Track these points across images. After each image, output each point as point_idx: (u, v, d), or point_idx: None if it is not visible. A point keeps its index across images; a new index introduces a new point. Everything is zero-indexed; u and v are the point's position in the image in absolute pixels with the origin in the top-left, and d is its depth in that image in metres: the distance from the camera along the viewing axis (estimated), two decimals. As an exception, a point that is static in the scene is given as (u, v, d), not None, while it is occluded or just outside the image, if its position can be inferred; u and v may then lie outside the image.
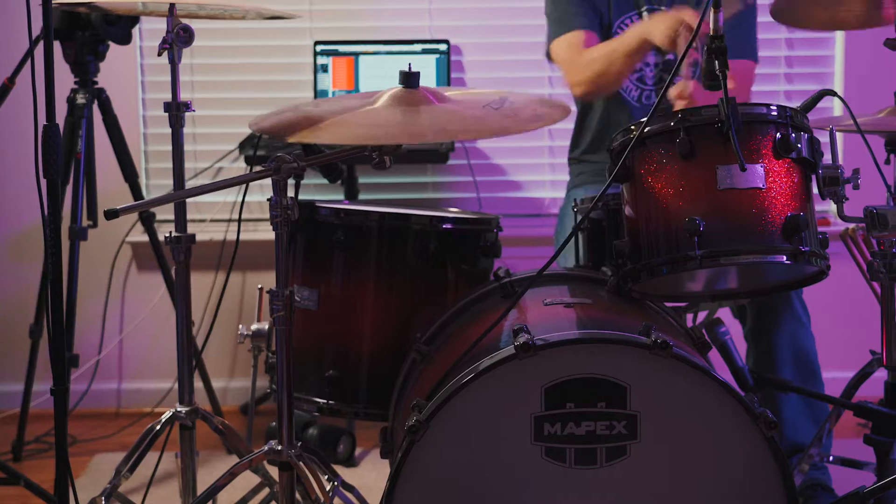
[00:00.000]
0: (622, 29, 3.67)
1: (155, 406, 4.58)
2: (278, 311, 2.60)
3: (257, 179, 2.64)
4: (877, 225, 2.46)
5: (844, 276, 3.45)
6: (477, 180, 4.53)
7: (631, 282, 2.56)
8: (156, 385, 4.60)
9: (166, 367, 4.36)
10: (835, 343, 3.82)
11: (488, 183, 4.61)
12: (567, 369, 2.26)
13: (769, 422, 2.24)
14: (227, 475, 2.75)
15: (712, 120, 2.47)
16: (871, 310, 2.82)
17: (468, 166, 4.53)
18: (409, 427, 2.24)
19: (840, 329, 4.20)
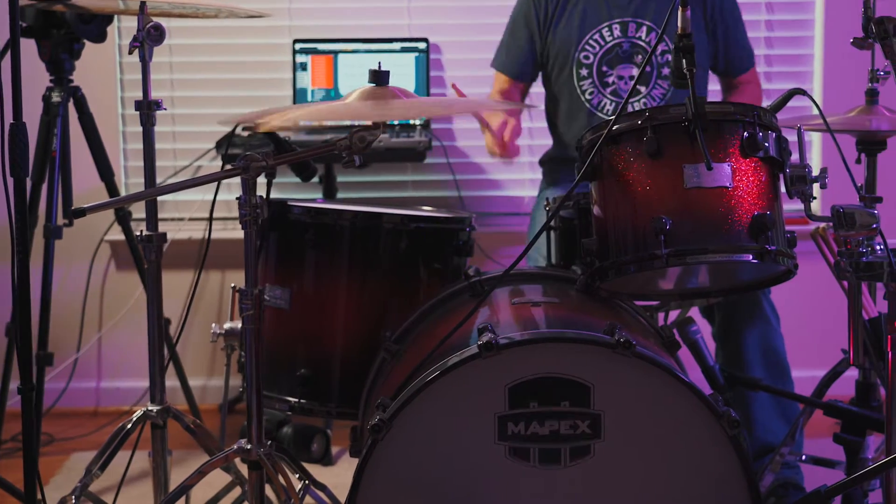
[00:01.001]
0: (590, 46, 3.70)
1: (133, 404, 4.58)
2: (247, 311, 2.59)
3: (226, 178, 2.63)
4: (843, 224, 2.45)
5: (816, 275, 3.45)
6: (457, 179, 4.52)
7: (599, 280, 2.56)
8: (135, 384, 4.59)
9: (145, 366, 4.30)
10: (806, 342, 3.83)
11: (468, 181, 4.61)
12: (531, 368, 2.26)
13: (732, 421, 2.24)
14: (196, 474, 2.74)
15: (679, 119, 2.47)
16: (842, 309, 2.82)
17: (447, 165, 4.52)
18: (372, 426, 2.24)
19: (812, 328, 4.21)
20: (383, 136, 4.02)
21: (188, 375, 4.26)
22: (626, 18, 3.72)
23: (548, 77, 3.86)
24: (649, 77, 3.71)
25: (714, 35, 3.77)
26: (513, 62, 3.89)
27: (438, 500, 2.29)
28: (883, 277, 2.48)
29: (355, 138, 2.59)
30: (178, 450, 3.55)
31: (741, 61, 3.87)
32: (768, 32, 4.62)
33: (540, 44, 3.82)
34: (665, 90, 3.69)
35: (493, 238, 4.33)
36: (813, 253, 3.25)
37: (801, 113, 4.10)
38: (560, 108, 3.84)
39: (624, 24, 3.71)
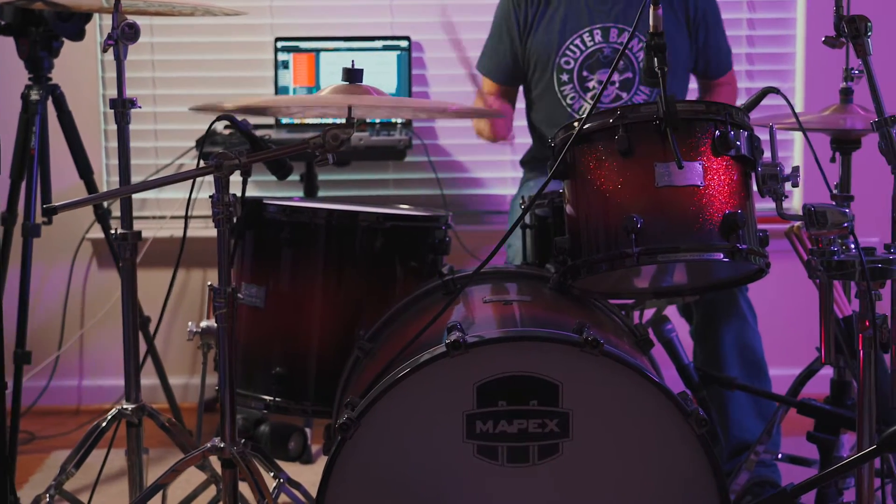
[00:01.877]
0: (570, 52, 3.71)
1: (115, 403, 4.56)
2: (220, 309, 2.59)
3: (199, 176, 2.64)
4: (815, 222, 2.45)
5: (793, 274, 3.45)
6: (439, 177, 4.52)
7: (571, 279, 2.56)
8: (117, 382, 4.49)
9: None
10: (783, 340, 3.83)
11: (450, 180, 4.60)
12: (499, 367, 2.26)
13: (700, 420, 2.24)
14: (169, 472, 2.75)
15: (650, 117, 2.47)
16: (818, 307, 2.83)
17: (429, 163, 4.52)
18: (340, 425, 2.25)
19: (790, 326, 4.21)
20: (363, 135, 4.05)
21: (171, 374, 4.25)
22: (607, 24, 3.72)
23: (528, 81, 3.86)
24: (631, 83, 3.71)
25: (696, 37, 3.78)
26: (497, 68, 3.92)
27: (407, 498, 2.29)
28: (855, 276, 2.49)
29: (328, 136, 2.59)
30: (156, 448, 3.54)
31: (720, 64, 3.88)
32: (750, 31, 4.63)
33: (520, 48, 3.82)
34: (647, 95, 3.69)
35: (476, 236, 4.32)
36: (790, 251, 3.24)
37: (781, 111, 4.09)
38: (541, 112, 3.84)
39: (605, 29, 3.72)
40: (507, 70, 3.89)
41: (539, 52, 3.77)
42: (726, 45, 3.92)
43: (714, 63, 3.86)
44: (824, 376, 3.06)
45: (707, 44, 3.82)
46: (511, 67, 3.88)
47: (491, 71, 3.92)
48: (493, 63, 3.92)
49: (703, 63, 3.84)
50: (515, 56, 3.85)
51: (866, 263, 2.47)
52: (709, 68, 3.87)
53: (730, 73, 3.94)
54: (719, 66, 3.89)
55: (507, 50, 3.86)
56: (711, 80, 3.90)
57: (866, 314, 2.51)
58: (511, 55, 3.85)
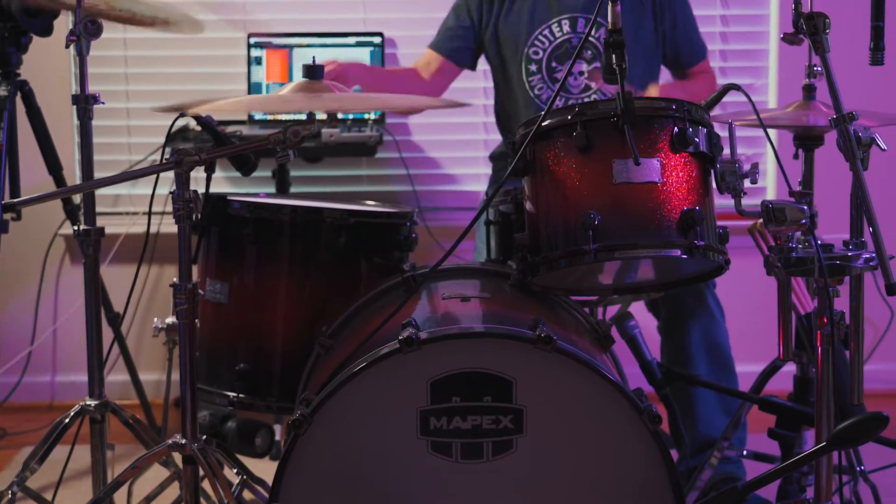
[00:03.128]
0: (539, 42, 3.71)
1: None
2: (181, 305, 2.59)
3: (159, 172, 2.63)
4: (774, 219, 2.45)
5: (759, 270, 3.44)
6: (411, 174, 4.52)
7: (531, 275, 2.55)
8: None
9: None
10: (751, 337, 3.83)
11: (422, 176, 4.61)
12: (453, 364, 2.26)
13: (653, 416, 2.25)
14: (129, 469, 2.75)
15: (608, 114, 2.47)
16: (781, 304, 2.84)
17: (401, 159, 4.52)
18: (293, 421, 2.24)
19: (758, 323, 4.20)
20: (334, 131, 4.05)
21: (145, 370, 4.26)
22: (575, 14, 3.72)
23: (496, 71, 3.86)
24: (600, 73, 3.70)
25: (662, 23, 3.77)
26: (449, 43, 3.90)
27: (361, 494, 2.29)
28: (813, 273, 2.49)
29: (289, 133, 2.58)
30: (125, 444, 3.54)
31: (691, 54, 3.87)
32: (723, 27, 4.63)
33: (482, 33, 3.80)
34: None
35: (448, 232, 4.32)
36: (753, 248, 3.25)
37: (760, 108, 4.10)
38: (509, 103, 3.84)
39: (573, 19, 3.71)
40: (458, 48, 3.88)
41: (507, 41, 3.77)
42: (698, 34, 3.91)
43: (685, 51, 3.85)
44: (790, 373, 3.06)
45: (675, 31, 3.81)
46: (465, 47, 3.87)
47: (440, 45, 3.91)
48: (444, 39, 3.91)
49: (672, 52, 3.83)
50: (476, 40, 3.84)
51: (824, 260, 2.48)
52: (680, 57, 3.86)
53: (704, 62, 3.92)
54: (691, 54, 3.88)
55: (467, 31, 3.84)
56: (685, 69, 3.89)
57: (824, 311, 2.52)
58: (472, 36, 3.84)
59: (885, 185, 4.16)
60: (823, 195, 2.98)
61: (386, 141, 4.44)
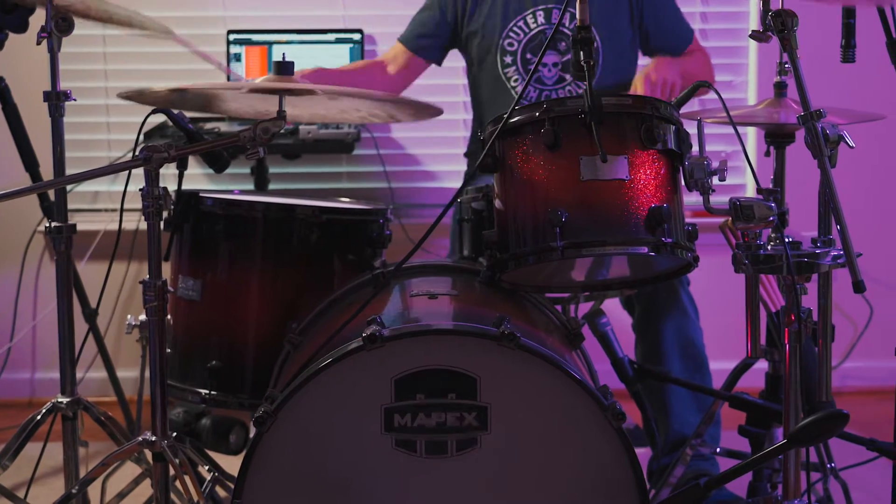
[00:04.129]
0: (514, 34, 3.70)
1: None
2: (150, 302, 2.59)
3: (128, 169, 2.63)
4: (741, 216, 2.46)
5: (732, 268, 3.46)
6: (388, 171, 4.52)
7: (499, 272, 2.55)
8: (69, 374, 4.56)
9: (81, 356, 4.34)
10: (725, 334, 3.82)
11: (401, 173, 4.60)
12: (417, 361, 2.26)
13: (617, 413, 2.25)
14: (98, 467, 2.75)
15: (576, 111, 2.46)
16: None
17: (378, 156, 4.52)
18: (256, 418, 2.24)
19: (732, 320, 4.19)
20: (311, 128, 4.04)
21: (126, 367, 4.25)
22: (549, 5, 3.71)
23: (472, 64, 3.85)
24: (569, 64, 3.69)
25: (640, 17, 3.75)
26: (417, 37, 3.89)
27: (326, 491, 2.28)
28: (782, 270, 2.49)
29: (259, 129, 2.58)
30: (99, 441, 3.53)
31: (680, 41, 3.83)
32: (703, 24, 4.63)
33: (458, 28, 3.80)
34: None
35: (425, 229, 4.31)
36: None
37: (738, 104, 4.10)
38: (484, 95, 3.83)
39: (548, 10, 3.70)
40: (427, 45, 3.88)
41: (482, 34, 3.76)
42: (682, 20, 3.88)
43: (673, 41, 3.81)
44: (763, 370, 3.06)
45: (659, 24, 3.79)
46: (434, 42, 3.87)
47: (408, 40, 3.90)
48: (414, 34, 3.90)
49: (662, 44, 3.80)
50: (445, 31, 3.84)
51: (792, 257, 2.48)
52: (669, 45, 3.82)
53: (694, 43, 3.89)
54: (680, 42, 3.83)
55: (439, 24, 3.84)
56: (678, 55, 3.86)
57: (792, 308, 2.52)
58: (444, 32, 3.84)
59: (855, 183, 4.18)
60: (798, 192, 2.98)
61: (365, 138, 4.44)
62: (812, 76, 4.08)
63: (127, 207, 4.45)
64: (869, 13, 2.58)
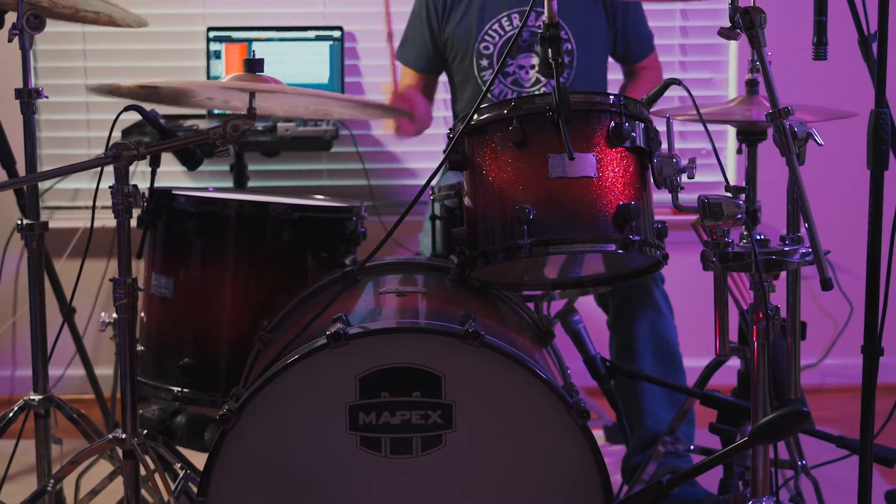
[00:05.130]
0: (490, 37, 3.70)
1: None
2: (120, 300, 2.59)
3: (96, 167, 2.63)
4: (709, 214, 2.46)
5: (704, 265, 3.47)
6: (367, 168, 4.52)
7: (468, 270, 2.55)
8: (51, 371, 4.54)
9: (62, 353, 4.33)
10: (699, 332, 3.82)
11: (380, 170, 4.59)
12: (381, 358, 2.26)
13: (582, 411, 2.25)
14: (68, 465, 2.75)
15: (544, 108, 2.46)
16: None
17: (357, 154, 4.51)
18: (220, 416, 2.24)
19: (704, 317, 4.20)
20: (289, 125, 4.04)
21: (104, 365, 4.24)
22: (524, 7, 3.71)
23: (449, 67, 3.86)
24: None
25: (614, 19, 3.77)
26: (416, 56, 3.91)
27: (290, 489, 2.28)
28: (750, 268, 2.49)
29: (229, 127, 2.58)
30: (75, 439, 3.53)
31: (640, 47, 3.87)
32: (683, 22, 4.62)
33: (439, 35, 3.81)
34: (564, 79, 3.66)
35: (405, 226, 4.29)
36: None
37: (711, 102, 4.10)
38: (462, 98, 3.83)
39: (523, 13, 3.70)
40: (427, 58, 3.89)
41: (458, 37, 3.76)
42: (647, 28, 3.90)
43: (634, 46, 3.85)
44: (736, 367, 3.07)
45: (626, 26, 3.80)
46: (430, 55, 3.88)
47: (410, 60, 3.92)
48: (412, 52, 3.91)
49: (622, 46, 3.83)
50: (435, 43, 3.84)
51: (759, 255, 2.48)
52: (629, 52, 3.85)
53: (652, 56, 3.91)
54: (640, 49, 3.87)
55: (427, 37, 3.85)
56: (633, 63, 3.89)
57: (759, 306, 2.52)
58: (430, 42, 3.85)
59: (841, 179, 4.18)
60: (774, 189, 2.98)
61: (344, 135, 4.44)
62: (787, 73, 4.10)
63: (105, 205, 4.50)
64: (843, 12, 2.59)
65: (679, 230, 3.28)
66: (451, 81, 3.88)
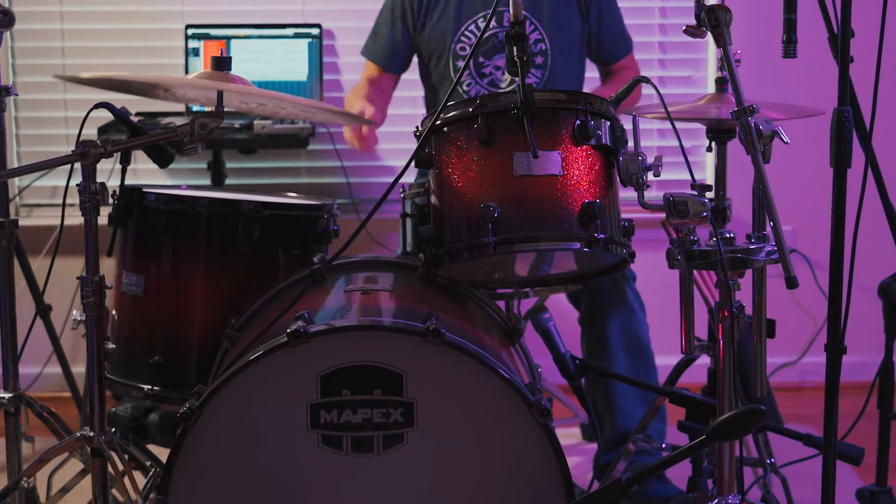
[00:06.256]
0: (466, 38, 3.69)
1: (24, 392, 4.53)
2: (87, 298, 2.59)
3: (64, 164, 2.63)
4: (675, 212, 2.45)
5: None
6: (346, 165, 4.51)
7: (434, 268, 2.55)
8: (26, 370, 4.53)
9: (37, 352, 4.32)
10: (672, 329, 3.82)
11: (360, 168, 4.59)
12: (343, 357, 2.26)
13: (543, 409, 2.25)
14: (37, 462, 2.74)
15: (509, 107, 2.46)
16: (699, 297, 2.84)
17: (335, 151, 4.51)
18: (181, 414, 2.24)
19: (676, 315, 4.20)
20: (266, 123, 4.03)
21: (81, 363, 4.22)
22: (501, 8, 3.70)
23: (425, 68, 3.85)
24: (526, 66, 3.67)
25: (588, 17, 3.76)
26: (382, 52, 3.88)
27: (252, 487, 2.28)
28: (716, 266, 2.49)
29: (197, 125, 2.57)
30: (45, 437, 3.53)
31: (616, 48, 3.86)
32: (662, 19, 4.62)
33: (414, 35, 3.80)
34: (539, 79, 3.68)
35: (383, 224, 4.31)
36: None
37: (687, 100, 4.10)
38: (438, 99, 3.82)
39: (499, 13, 3.70)
40: (393, 55, 3.87)
41: (435, 39, 3.75)
42: (623, 28, 3.89)
43: (609, 46, 3.84)
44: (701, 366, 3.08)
45: (601, 27, 3.79)
46: (398, 53, 3.86)
47: (375, 54, 3.89)
48: (378, 47, 3.89)
49: (597, 47, 3.82)
50: (407, 42, 3.83)
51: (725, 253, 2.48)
52: (604, 52, 3.84)
53: (629, 58, 3.91)
54: (615, 50, 3.86)
55: (399, 35, 3.83)
56: (609, 65, 3.88)
57: (725, 304, 2.52)
58: (401, 40, 3.83)
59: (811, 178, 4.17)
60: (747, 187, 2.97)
61: (322, 133, 4.43)
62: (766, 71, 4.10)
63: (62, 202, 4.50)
64: (814, 9, 2.58)
65: (651, 228, 3.29)
66: (428, 82, 3.87)
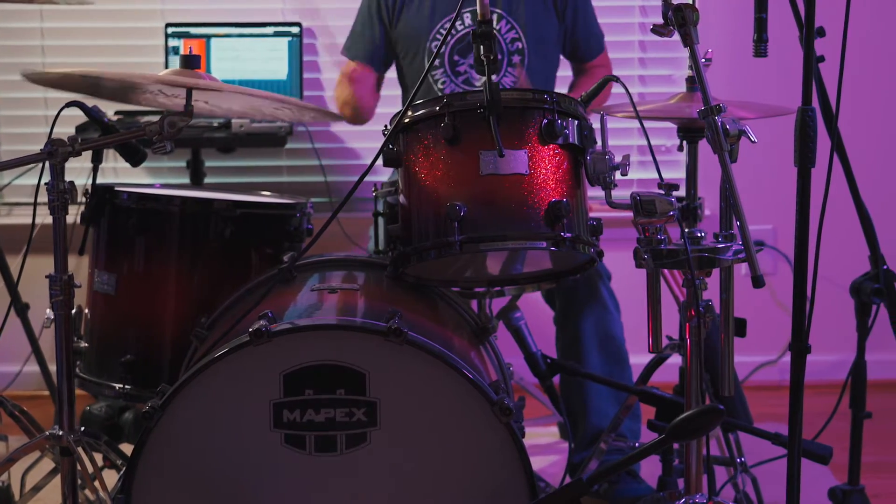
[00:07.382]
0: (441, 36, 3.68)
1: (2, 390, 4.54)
2: (56, 297, 2.59)
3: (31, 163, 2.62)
4: (642, 211, 2.46)
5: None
6: (324, 164, 4.51)
7: (402, 266, 2.55)
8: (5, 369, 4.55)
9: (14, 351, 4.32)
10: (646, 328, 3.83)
11: (339, 166, 4.58)
12: (305, 356, 2.26)
13: (505, 408, 2.25)
14: (6, 462, 2.74)
15: (475, 105, 2.46)
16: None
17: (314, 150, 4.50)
18: (143, 413, 2.24)
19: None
20: (244, 121, 4.03)
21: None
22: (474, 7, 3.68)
23: (400, 66, 3.85)
24: (500, 64, 3.68)
25: (563, 17, 3.75)
26: (365, 52, 3.87)
27: (215, 486, 2.28)
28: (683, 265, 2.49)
29: (166, 123, 2.57)
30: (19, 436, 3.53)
31: (590, 46, 3.86)
32: (642, 18, 4.62)
33: (390, 30, 3.80)
34: (515, 78, 3.67)
35: (361, 223, 4.31)
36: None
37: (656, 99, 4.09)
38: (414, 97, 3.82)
39: (474, 12, 3.68)
40: (376, 54, 3.86)
41: (410, 36, 3.75)
42: (597, 27, 3.89)
43: (584, 45, 3.84)
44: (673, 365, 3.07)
45: (576, 25, 3.79)
46: (380, 52, 3.85)
47: (358, 55, 3.89)
48: (360, 48, 3.88)
49: (571, 45, 3.82)
50: (385, 40, 3.82)
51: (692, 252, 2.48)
52: (578, 50, 3.84)
53: (602, 56, 3.91)
54: (589, 48, 3.86)
55: (377, 31, 3.82)
56: (583, 63, 3.89)
57: (692, 303, 2.52)
58: (380, 39, 3.82)
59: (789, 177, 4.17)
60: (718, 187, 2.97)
61: (301, 132, 4.43)
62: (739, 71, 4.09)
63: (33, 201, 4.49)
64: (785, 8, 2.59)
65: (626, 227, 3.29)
66: (403, 82, 3.87)
